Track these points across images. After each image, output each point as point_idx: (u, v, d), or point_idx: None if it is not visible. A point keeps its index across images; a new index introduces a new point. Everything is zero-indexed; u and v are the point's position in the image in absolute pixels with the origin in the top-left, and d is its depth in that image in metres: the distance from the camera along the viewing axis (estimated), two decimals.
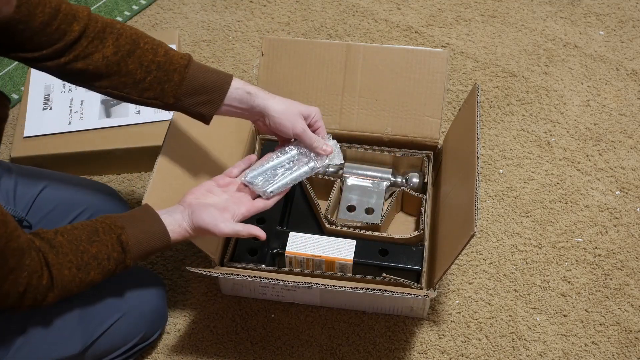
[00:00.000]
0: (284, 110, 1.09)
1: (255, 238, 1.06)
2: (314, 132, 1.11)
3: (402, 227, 1.36)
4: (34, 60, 0.99)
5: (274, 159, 1.12)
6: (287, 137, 1.12)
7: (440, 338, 1.26)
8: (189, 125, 1.23)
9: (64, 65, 0.99)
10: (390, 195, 1.38)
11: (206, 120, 1.09)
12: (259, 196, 1.09)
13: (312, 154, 1.12)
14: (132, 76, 1.02)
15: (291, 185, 1.11)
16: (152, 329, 1.20)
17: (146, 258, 1.02)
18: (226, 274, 1.14)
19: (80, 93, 1.52)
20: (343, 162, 1.20)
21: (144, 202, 1.08)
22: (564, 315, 1.29)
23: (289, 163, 1.12)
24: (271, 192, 1.09)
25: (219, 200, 1.06)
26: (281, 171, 1.11)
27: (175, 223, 1.03)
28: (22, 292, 0.89)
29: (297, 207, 1.35)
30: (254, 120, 1.11)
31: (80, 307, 1.08)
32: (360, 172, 1.39)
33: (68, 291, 0.95)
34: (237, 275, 1.15)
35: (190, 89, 1.05)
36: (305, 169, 1.12)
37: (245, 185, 1.09)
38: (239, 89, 1.07)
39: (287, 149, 1.13)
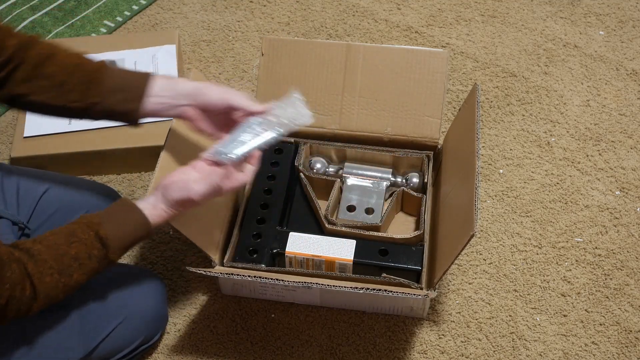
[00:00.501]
0: (212, 85, 1.07)
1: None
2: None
3: (402, 227, 1.36)
4: None
5: (237, 130, 1.08)
6: (219, 109, 1.07)
7: (440, 338, 1.26)
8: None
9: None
10: (391, 195, 1.38)
11: (134, 118, 1.05)
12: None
13: (278, 120, 1.08)
14: (53, 79, 1.01)
15: (256, 147, 1.07)
16: (153, 332, 1.20)
17: (131, 248, 1.01)
18: (226, 274, 1.14)
19: None
20: (311, 114, 1.13)
21: None
22: (564, 315, 1.29)
23: (253, 130, 1.08)
24: (233, 155, 1.04)
25: (190, 176, 1.04)
26: (248, 138, 1.07)
27: (150, 206, 1.01)
28: (5, 304, 0.87)
29: (297, 207, 1.35)
30: (182, 111, 1.07)
31: (80, 314, 1.08)
32: (360, 172, 1.39)
33: (53, 298, 0.93)
34: (237, 275, 1.15)
35: (113, 86, 1.03)
36: (272, 132, 1.08)
37: (214, 162, 1.05)
38: (161, 78, 1.05)
39: (250, 119, 1.08)
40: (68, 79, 1.02)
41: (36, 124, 1.47)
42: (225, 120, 1.09)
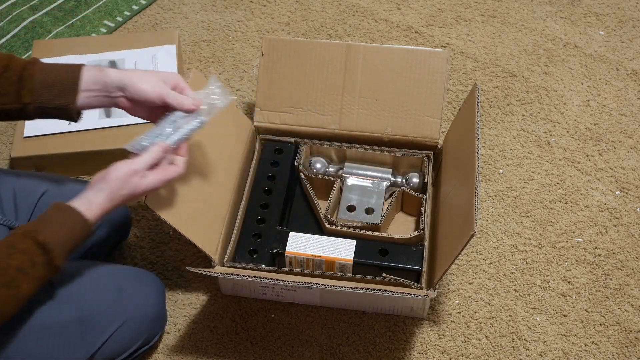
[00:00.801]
0: (143, 76, 1.05)
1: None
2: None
3: (402, 227, 1.36)
4: None
5: (160, 122, 1.06)
6: (150, 103, 1.05)
7: (440, 338, 1.26)
8: None
9: None
10: (391, 195, 1.38)
11: (71, 114, 1.04)
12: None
13: (199, 109, 1.07)
14: None
15: (178, 138, 1.05)
16: (153, 333, 1.19)
17: (75, 250, 0.98)
18: (226, 274, 1.14)
19: None
20: (234, 98, 1.10)
21: (146, 201, 1.08)
22: (564, 315, 1.29)
23: (173, 121, 1.06)
24: (140, 147, 1.02)
25: (124, 168, 1.01)
26: (169, 130, 1.05)
27: (86, 202, 0.98)
28: None
29: (297, 207, 1.35)
30: (116, 102, 1.05)
31: (79, 320, 1.07)
32: (360, 172, 1.39)
33: (5, 312, 0.91)
34: (237, 275, 1.15)
35: (45, 82, 1.01)
36: (193, 123, 1.07)
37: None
38: (92, 69, 1.03)
39: (170, 114, 1.07)
40: None
41: (36, 124, 1.47)
42: (160, 109, 1.07)
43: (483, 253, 1.37)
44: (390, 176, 1.39)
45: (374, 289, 1.10)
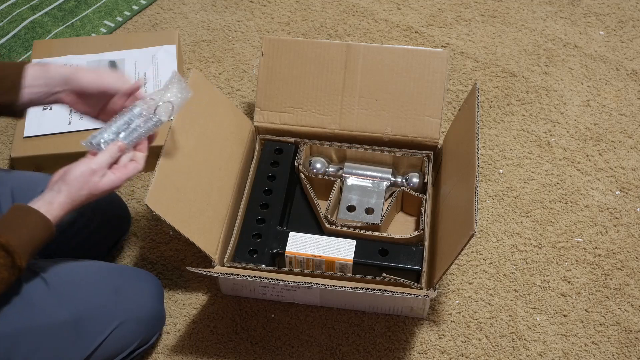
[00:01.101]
0: (88, 70, 1.06)
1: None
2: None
3: (402, 228, 1.36)
4: None
5: (116, 117, 1.06)
6: (94, 93, 1.05)
7: (440, 338, 1.26)
8: (190, 125, 1.23)
9: None
10: (391, 195, 1.38)
11: (14, 110, 1.04)
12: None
13: (157, 104, 1.07)
14: None
15: (137, 135, 1.05)
16: (150, 333, 1.18)
17: (38, 251, 0.98)
18: (226, 274, 1.14)
19: None
20: (190, 93, 1.11)
21: (146, 202, 1.08)
22: (564, 315, 1.29)
23: (130, 116, 1.06)
24: (95, 143, 1.02)
25: (83, 166, 1.02)
26: (121, 124, 1.04)
27: (46, 203, 0.98)
28: None
29: (297, 207, 1.35)
30: (57, 97, 1.05)
31: (75, 320, 1.06)
32: (360, 172, 1.39)
33: None
34: (237, 275, 1.15)
35: None
36: (151, 122, 1.07)
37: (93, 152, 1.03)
38: (34, 66, 1.03)
39: (133, 106, 1.07)
40: None
41: (36, 124, 1.47)
42: (105, 103, 1.07)
43: (483, 253, 1.37)
44: (390, 176, 1.39)
45: (374, 289, 1.10)
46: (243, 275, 1.16)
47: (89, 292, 1.09)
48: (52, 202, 0.98)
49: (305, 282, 1.13)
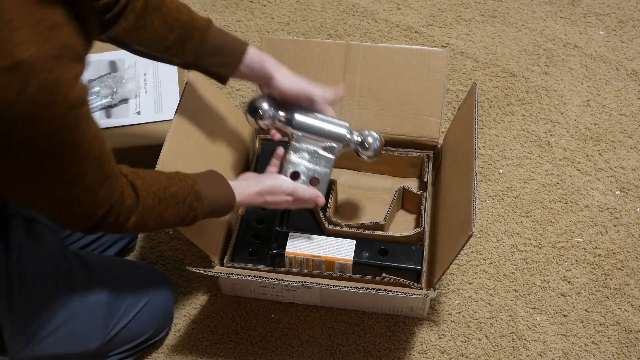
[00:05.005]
0: (290, 78, 1.14)
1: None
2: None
3: (402, 226, 1.36)
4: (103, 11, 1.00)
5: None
6: (291, 99, 1.15)
7: (440, 338, 1.26)
8: (190, 125, 1.23)
9: (109, 21, 1.02)
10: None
11: (223, 80, 1.13)
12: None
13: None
14: (157, 33, 1.05)
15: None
16: (162, 327, 1.23)
17: (211, 216, 1.06)
18: (226, 273, 1.15)
19: None
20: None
21: None
22: (564, 315, 1.29)
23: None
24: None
25: (282, 178, 1.18)
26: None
27: (238, 185, 1.09)
28: (112, 204, 0.90)
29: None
30: (262, 84, 1.15)
31: (108, 302, 1.12)
32: (311, 122, 1.19)
33: (147, 222, 0.96)
34: (237, 275, 1.15)
35: (210, 49, 1.09)
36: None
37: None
38: (255, 54, 1.11)
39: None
40: (168, 35, 1.06)
41: None
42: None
43: (483, 253, 1.37)
44: (345, 132, 1.20)
45: (374, 289, 1.10)
46: (243, 275, 1.16)
47: (120, 280, 1.16)
48: (245, 187, 1.10)
49: (305, 282, 1.13)
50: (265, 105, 1.17)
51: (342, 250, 1.24)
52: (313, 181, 1.21)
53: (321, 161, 1.21)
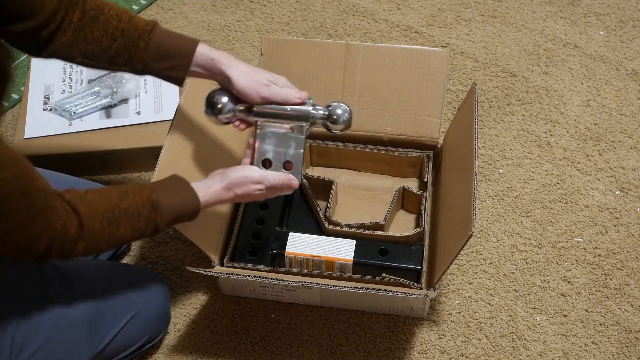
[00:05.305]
0: (247, 78, 1.08)
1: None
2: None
3: (402, 226, 1.36)
4: (22, 35, 0.96)
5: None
6: (253, 102, 1.09)
7: (440, 338, 1.26)
8: (190, 125, 1.23)
9: (47, 38, 0.99)
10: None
11: (178, 83, 1.09)
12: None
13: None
14: (99, 43, 1.02)
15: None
16: (157, 331, 1.20)
17: (176, 222, 1.03)
18: (226, 273, 1.14)
19: None
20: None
21: None
22: (564, 315, 1.29)
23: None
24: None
25: (250, 168, 1.11)
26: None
27: (203, 185, 1.05)
28: (53, 236, 0.87)
29: (297, 208, 1.35)
30: (221, 83, 1.10)
31: (92, 315, 1.08)
32: (273, 113, 1.13)
33: (97, 244, 0.93)
34: (237, 275, 1.15)
35: (156, 55, 1.04)
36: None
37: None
38: (204, 55, 1.06)
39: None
40: (111, 44, 1.02)
41: (36, 125, 1.47)
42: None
43: (483, 253, 1.37)
44: (309, 109, 1.13)
45: (374, 289, 1.10)
46: (243, 275, 1.16)
47: (105, 291, 1.12)
48: (210, 186, 1.05)
49: (305, 282, 1.13)
50: (223, 99, 1.11)
51: (342, 250, 1.24)
52: (287, 165, 1.13)
53: (291, 143, 1.13)
